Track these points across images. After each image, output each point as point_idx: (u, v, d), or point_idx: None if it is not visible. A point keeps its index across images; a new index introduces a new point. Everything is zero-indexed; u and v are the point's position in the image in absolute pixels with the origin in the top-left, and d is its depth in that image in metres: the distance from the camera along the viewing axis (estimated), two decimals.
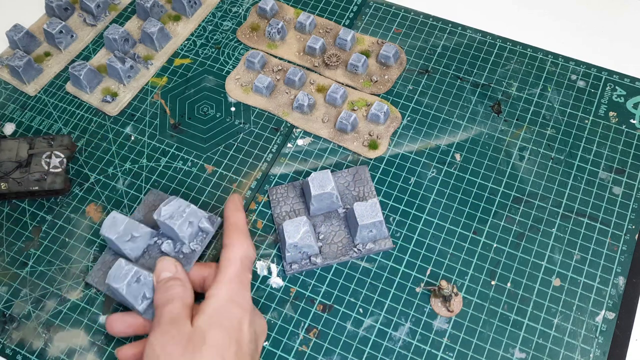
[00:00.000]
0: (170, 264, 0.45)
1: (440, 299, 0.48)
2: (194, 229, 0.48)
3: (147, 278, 0.45)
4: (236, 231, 0.47)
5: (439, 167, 0.55)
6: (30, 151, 0.54)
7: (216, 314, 0.42)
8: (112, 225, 0.48)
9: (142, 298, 0.45)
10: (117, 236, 0.47)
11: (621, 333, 0.46)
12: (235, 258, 0.45)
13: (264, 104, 0.59)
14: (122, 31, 0.62)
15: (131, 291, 0.44)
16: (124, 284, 0.44)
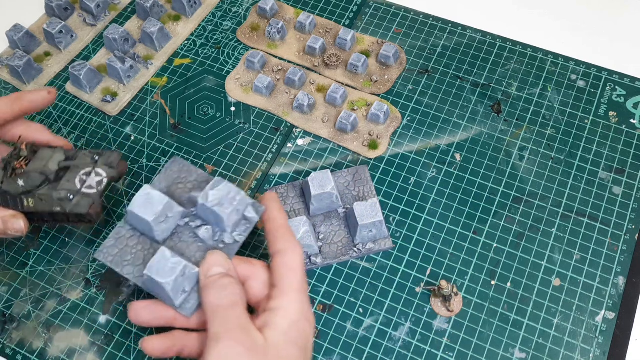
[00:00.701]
0: (223, 258, 0.41)
1: (440, 298, 0.48)
2: (239, 217, 0.43)
3: (190, 271, 0.40)
4: (290, 234, 0.43)
5: (439, 167, 0.55)
6: (62, 163, 0.45)
7: (290, 331, 0.38)
8: (146, 203, 0.41)
9: (182, 292, 0.40)
10: (154, 217, 0.41)
11: (621, 333, 0.46)
12: (297, 265, 0.41)
13: (264, 104, 0.59)
14: (122, 31, 0.62)
15: (176, 287, 0.39)
16: (171, 280, 0.39)
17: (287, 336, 0.38)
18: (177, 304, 0.40)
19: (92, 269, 0.51)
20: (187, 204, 0.43)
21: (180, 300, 0.40)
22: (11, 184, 0.44)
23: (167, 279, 0.39)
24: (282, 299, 0.39)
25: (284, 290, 0.40)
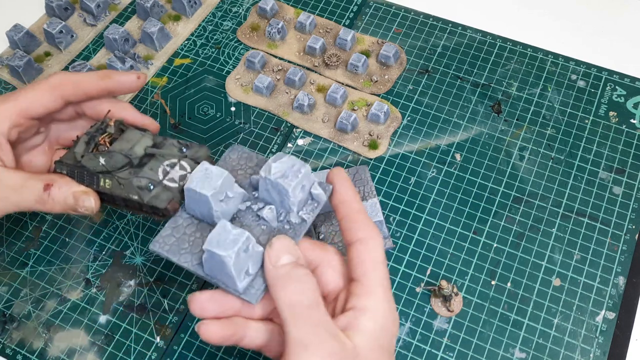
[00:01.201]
0: (291, 244, 0.36)
1: (441, 298, 0.48)
2: (305, 195, 0.38)
3: (255, 248, 0.36)
4: (369, 220, 0.38)
5: (439, 167, 0.55)
6: (149, 149, 0.42)
7: (377, 334, 0.34)
8: (205, 178, 0.37)
9: (245, 274, 0.36)
10: (213, 192, 0.37)
11: (621, 333, 0.46)
12: (381, 257, 0.37)
13: (264, 104, 0.59)
14: (122, 31, 0.62)
15: (238, 262, 0.35)
16: (233, 252, 0.34)
17: (377, 341, 0.34)
18: (240, 288, 0.35)
19: (92, 269, 0.51)
20: (248, 188, 0.40)
21: (244, 284, 0.35)
22: (91, 160, 0.41)
23: (228, 251, 0.34)
24: (369, 298, 0.35)
25: (370, 287, 0.35)
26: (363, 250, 0.36)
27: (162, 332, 0.48)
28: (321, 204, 0.39)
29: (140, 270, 0.51)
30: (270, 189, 0.38)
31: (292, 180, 0.37)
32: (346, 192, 0.38)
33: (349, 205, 0.38)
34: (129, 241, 0.52)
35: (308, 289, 0.34)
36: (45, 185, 0.40)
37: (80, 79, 0.44)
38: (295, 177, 0.37)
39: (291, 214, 0.38)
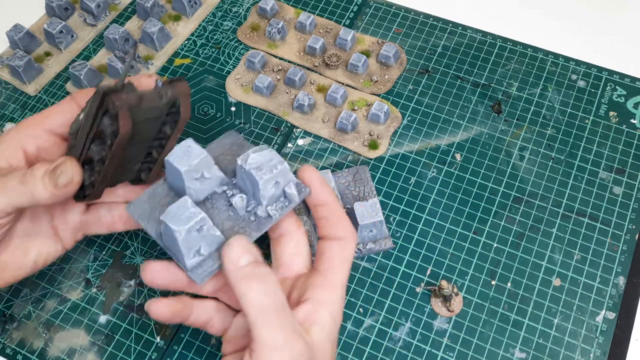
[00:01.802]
0: (250, 244, 0.36)
1: (441, 298, 0.48)
2: (278, 191, 0.39)
3: (210, 231, 0.37)
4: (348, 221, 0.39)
5: (439, 167, 0.55)
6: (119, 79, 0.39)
7: (331, 328, 0.36)
8: (184, 155, 0.38)
9: (196, 252, 0.37)
10: (186, 169, 0.38)
11: (621, 333, 0.46)
12: (349, 258, 0.38)
13: (264, 104, 0.59)
14: (122, 31, 0.62)
15: (188, 240, 0.36)
16: (184, 229, 0.35)
17: (331, 334, 0.36)
18: (187, 265, 0.36)
19: (92, 269, 0.51)
20: (230, 174, 0.41)
21: (192, 263, 0.36)
22: (74, 123, 0.40)
23: (180, 227, 0.35)
24: (331, 293, 0.37)
25: (333, 283, 0.37)
26: (337, 248, 0.38)
27: (162, 332, 0.48)
28: (292, 204, 0.39)
29: (140, 270, 0.51)
30: (244, 178, 0.38)
31: (265, 173, 0.37)
32: (326, 196, 0.39)
33: (329, 207, 0.39)
34: (129, 241, 0.52)
35: (273, 291, 0.35)
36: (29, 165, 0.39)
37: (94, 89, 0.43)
38: (269, 172, 0.37)
39: (259, 207, 0.39)
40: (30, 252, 0.43)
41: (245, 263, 0.35)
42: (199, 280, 0.37)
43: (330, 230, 0.39)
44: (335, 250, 0.38)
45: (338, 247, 0.38)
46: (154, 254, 0.51)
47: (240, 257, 0.36)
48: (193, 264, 0.37)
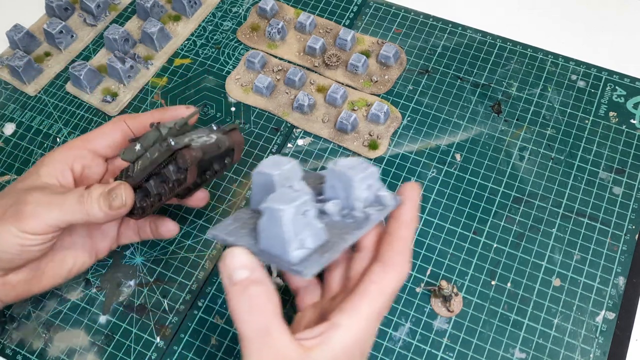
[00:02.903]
0: (246, 257, 0.34)
1: (441, 299, 0.48)
2: (371, 195, 0.37)
3: (313, 221, 0.34)
4: (408, 252, 0.36)
5: (439, 167, 0.55)
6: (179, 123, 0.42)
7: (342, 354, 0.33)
8: (273, 164, 0.37)
9: (300, 243, 0.34)
10: (279, 172, 0.36)
11: (621, 333, 0.46)
12: (390, 288, 0.35)
13: (264, 104, 0.59)
14: (122, 31, 0.62)
15: (295, 223, 0.33)
16: (292, 207, 0.32)
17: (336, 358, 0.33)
18: (291, 258, 0.33)
19: (92, 269, 0.51)
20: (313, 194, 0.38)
21: (297, 256, 0.33)
22: (129, 151, 0.42)
23: (286, 205, 0.32)
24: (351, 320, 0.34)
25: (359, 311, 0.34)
26: (379, 274, 0.35)
27: (162, 332, 0.48)
28: (388, 208, 0.37)
29: (140, 270, 0.51)
30: (335, 183, 0.37)
31: (358, 172, 0.36)
32: (406, 213, 0.37)
33: (399, 226, 0.37)
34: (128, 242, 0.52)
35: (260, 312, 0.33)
36: (88, 185, 0.41)
37: (137, 114, 0.47)
38: (362, 171, 0.36)
39: (355, 210, 0.36)
40: (67, 263, 0.45)
41: (239, 278, 0.34)
42: (307, 272, 0.33)
43: (385, 253, 0.36)
44: (376, 276, 0.35)
45: (381, 273, 0.35)
46: (154, 254, 0.51)
47: (234, 270, 0.34)
48: (299, 258, 0.33)
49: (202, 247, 0.52)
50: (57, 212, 0.40)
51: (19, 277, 0.43)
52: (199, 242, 0.52)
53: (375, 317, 0.35)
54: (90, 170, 0.46)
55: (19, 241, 0.39)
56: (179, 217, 0.53)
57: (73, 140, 0.46)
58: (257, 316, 0.33)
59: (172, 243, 0.52)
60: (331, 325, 0.34)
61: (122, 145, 0.46)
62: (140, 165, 0.42)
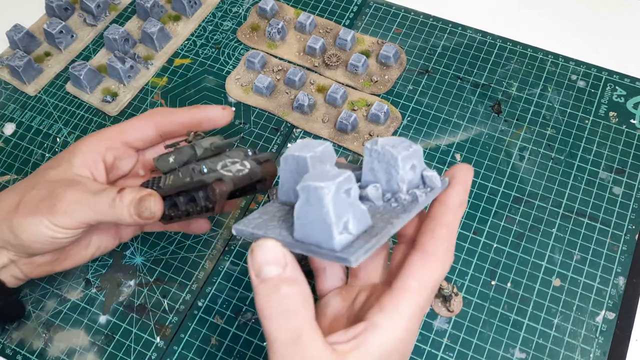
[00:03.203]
0: (278, 250, 0.31)
1: (441, 299, 0.48)
2: (416, 177, 0.33)
3: (356, 202, 0.30)
4: (452, 236, 0.33)
5: (439, 168, 0.55)
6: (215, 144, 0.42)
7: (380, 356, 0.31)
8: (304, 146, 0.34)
9: (344, 226, 0.30)
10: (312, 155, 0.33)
11: (621, 333, 0.46)
12: (433, 281, 0.32)
13: (264, 104, 0.59)
14: (122, 31, 0.62)
15: (337, 202, 0.29)
16: (334, 184, 0.29)
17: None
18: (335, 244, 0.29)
19: (92, 269, 0.51)
20: None
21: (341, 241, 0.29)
22: (163, 161, 0.42)
23: (329, 182, 0.29)
24: (391, 320, 0.31)
25: (400, 310, 0.31)
26: (421, 267, 0.32)
27: (162, 332, 0.48)
28: (435, 191, 0.33)
29: (140, 270, 0.51)
30: (376, 165, 0.33)
31: (402, 150, 0.32)
32: (455, 196, 0.33)
33: (445, 211, 0.33)
34: (129, 241, 0.52)
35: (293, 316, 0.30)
36: (120, 189, 0.41)
37: (173, 109, 0.47)
38: (405, 149, 0.32)
39: (400, 193, 0.32)
40: (92, 246, 0.46)
41: (269, 275, 0.31)
42: (354, 260, 0.29)
43: (427, 241, 0.33)
44: (417, 270, 0.32)
45: (422, 266, 0.32)
46: (154, 254, 0.51)
47: (264, 265, 0.31)
48: (343, 243, 0.29)
49: (202, 247, 0.52)
50: (89, 212, 0.41)
51: (44, 259, 0.44)
52: (199, 242, 0.52)
53: (418, 315, 0.32)
54: (122, 162, 0.46)
55: (50, 233, 0.41)
56: None
57: (106, 130, 0.46)
58: (289, 320, 0.30)
59: (172, 243, 0.52)
60: (369, 326, 0.31)
61: (154, 140, 0.47)
62: (172, 181, 0.41)
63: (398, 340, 0.31)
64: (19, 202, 0.42)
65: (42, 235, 0.41)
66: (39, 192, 0.42)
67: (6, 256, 0.43)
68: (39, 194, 0.42)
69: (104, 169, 0.45)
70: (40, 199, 0.41)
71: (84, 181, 0.42)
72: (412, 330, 0.32)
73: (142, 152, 0.48)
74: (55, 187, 0.42)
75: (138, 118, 0.46)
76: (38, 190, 0.42)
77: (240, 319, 0.48)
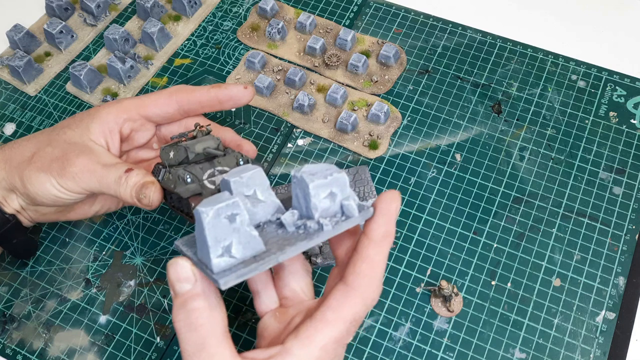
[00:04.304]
0: (187, 269, 0.32)
1: (441, 299, 0.48)
2: (334, 206, 0.33)
3: (244, 226, 0.31)
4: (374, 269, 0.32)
5: (439, 167, 0.55)
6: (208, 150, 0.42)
7: None
8: (239, 170, 0.35)
9: (225, 250, 0.31)
10: (236, 179, 0.34)
11: (621, 333, 0.46)
12: (351, 315, 0.32)
13: (264, 104, 0.59)
14: (122, 31, 0.62)
15: (216, 227, 0.30)
16: (212, 210, 0.30)
17: None
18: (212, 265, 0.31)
19: (92, 269, 0.51)
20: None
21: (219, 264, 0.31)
22: (165, 153, 0.43)
23: (208, 207, 0.30)
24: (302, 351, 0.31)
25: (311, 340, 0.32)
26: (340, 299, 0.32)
27: (162, 332, 0.48)
28: (351, 220, 0.33)
29: (140, 270, 0.51)
30: (298, 191, 0.34)
31: (317, 179, 0.32)
32: (375, 229, 0.33)
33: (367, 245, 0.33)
34: (129, 241, 0.52)
35: (197, 328, 0.32)
36: (127, 169, 0.42)
37: (195, 87, 0.47)
38: (322, 178, 0.32)
39: (310, 220, 0.33)
40: (95, 206, 0.49)
41: (180, 291, 0.32)
42: (222, 283, 0.30)
43: (349, 274, 0.33)
44: (336, 301, 0.32)
45: (341, 298, 0.32)
46: (154, 254, 0.51)
47: (175, 282, 0.33)
48: (220, 266, 0.31)
49: None
50: (95, 182, 0.42)
51: (50, 209, 0.46)
52: None
53: (332, 346, 0.32)
54: (138, 133, 0.47)
55: (55, 192, 0.43)
56: (178, 218, 0.53)
57: (128, 101, 0.46)
58: (194, 332, 0.31)
59: (172, 243, 0.52)
60: (282, 351, 0.32)
61: (174, 117, 0.48)
62: (165, 179, 0.42)
63: None
64: (33, 155, 0.44)
65: (47, 192, 0.43)
66: (53, 150, 0.43)
67: (17, 201, 0.45)
68: (53, 153, 0.43)
69: (118, 140, 0.46)
70: (53, 158, 0.43)
71: (97, 150, 0.44)
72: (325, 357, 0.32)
73: (160, 127, 0.49)
74: (69, 149, 0.43)
75: (160, 93, 0.47)
76: (53, 148, 0.44)
77: (240, 319, 0.48)
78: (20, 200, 0.45)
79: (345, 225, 0.33)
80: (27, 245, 0.50)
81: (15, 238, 0.47)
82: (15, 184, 0.44)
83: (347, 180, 0.33)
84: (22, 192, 0.44)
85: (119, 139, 0.46)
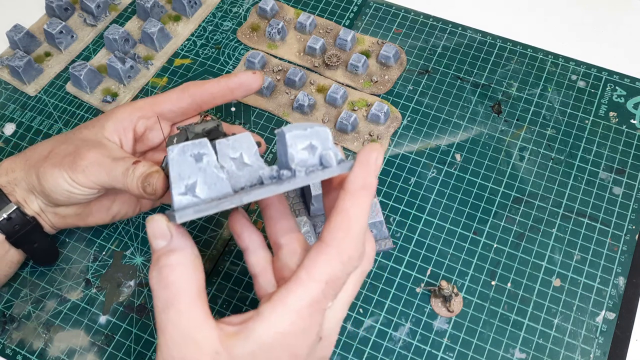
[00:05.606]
0: (163, 225, 0.32)
1: (441, 299, 0.48)
2: (313, 158, 0.32)
3: (211, 167, 0.31)
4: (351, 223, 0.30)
5: (439, 168, 0.55)
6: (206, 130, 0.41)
7: (259, 350, 0.30)
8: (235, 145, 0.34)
9: (189, 188, 0.31)
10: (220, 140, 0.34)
11: (621, 333, 0.46)
12: (327, 272, 0.30)
13: (264, 104, 0.59)
14: (122, 31, 0.62)
15: (181, 164, 0.31)
16: (178, 147, 0.31)
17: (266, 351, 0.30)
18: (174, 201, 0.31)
19: (92, 269, 0.51)
20: None
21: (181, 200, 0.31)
22: (170, 141, 0.43)
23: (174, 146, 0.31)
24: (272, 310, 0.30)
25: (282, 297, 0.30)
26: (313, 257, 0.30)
27: None
28: (327, 170, 0.31)
29: (140, 270, 0.51)
30: (279, 147, 0.33)
31: (295, 129, 0.31)
32: (353, 180, 0.31)
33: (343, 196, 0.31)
34: (129, 241, 0.52)
35: (164, 287, 0.31)
36: (135, 161, 0.42)
37: (204, 80, 0.48)
38: (299, 129, 0.31)
39: (285, 171, 0.32)
40: (112, 210, 0.49)
41: (156, 248, 0.32)
42: (178, 217, 0.30)
43: (324, 230, 0.31)
44: (309, 260, 0.30)
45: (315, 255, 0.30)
46: None
47: (152, 238, 0.32)
48: (182, 203, 0.30)
49: (201, 247, 0.52)
50: (104, 175, 0.42)
51: (68, 211, 0.47)
52: (198, 243, 0.52)
53: (307, 310, 0.30)
54: (152, 132, 0.48)
55: (67, 187, 0.43)
56: None
57: (141, 101, 0.47)
58: (165, 289, 0.31)
59: None
60: (255, 315, 0.30)
61: (189, 112, 0.48)
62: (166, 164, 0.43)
63: (281, 334, 0.30)
64: (49, 153, 0.45)
65: (60, 187, 0.43)
66: (67, 147, 0.44)
67: (36, 203, 0.45)
68: (67, 149, 0.44)
69: (132, 138, 0.47)
70: (66, 153, 0.44)
71: (109, 146, 0.45)
72: (301, 325, 0.30)
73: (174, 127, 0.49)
74: (82, 145, 0.44)
75: (172, 90, 0.48)
76: (67, 145, 0.45)
77: None
78: (40, 202, 0.46)
79: (322, 175, 0.31)
80: (49, 250, 0.50)
81: (36, 242, 0.47)
82: (32, 182, 0.44)
83: (330, 134, 0.32)
84: (39, 191, 0.44)
85: (132, 137, 0.47)
